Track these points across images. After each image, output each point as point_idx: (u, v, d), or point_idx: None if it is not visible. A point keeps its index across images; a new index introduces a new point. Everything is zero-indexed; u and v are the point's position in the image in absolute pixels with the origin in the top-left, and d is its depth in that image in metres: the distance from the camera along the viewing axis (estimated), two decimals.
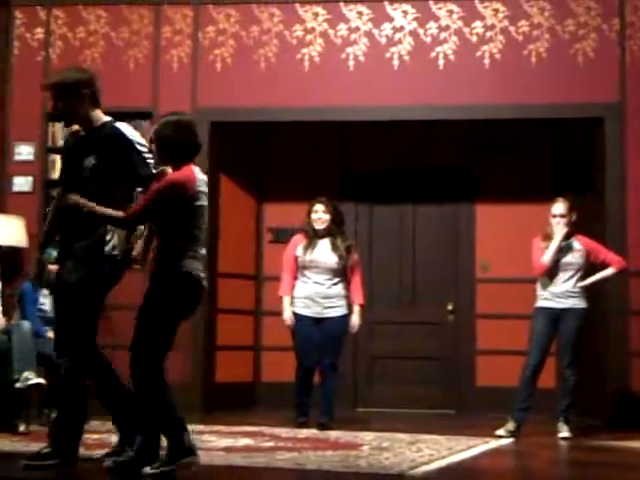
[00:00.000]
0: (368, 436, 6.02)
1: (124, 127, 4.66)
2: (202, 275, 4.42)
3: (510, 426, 6.30)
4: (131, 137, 4.62)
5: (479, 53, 7.63)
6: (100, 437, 5.61)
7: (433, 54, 7.67)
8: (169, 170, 4.49)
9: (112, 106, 7.89)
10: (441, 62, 7.65)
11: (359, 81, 7.69)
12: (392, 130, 8.16)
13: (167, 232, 4.41)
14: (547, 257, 6.35)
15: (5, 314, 6.48)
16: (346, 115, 7.74)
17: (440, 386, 8.26)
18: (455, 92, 7.57)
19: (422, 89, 7.62)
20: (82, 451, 4.76)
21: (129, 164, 4.56)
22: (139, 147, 4.61)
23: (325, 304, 6.62)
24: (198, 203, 4.42)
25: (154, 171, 4.55)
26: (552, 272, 6.41)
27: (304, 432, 6.26)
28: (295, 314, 6.66)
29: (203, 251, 4.46)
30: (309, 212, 6.77)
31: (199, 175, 4.50)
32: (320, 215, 6.72)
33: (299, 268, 6.69)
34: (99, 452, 4.85)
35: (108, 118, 4.72)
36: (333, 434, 6.18)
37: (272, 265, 8.33)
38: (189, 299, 4.42)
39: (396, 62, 7.70)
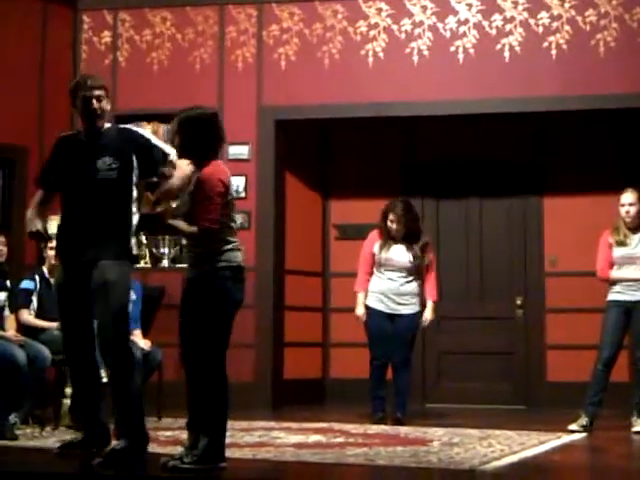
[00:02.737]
0: (438, 431, 6.00)
1: (129, 126, 4.95)
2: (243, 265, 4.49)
3: (582, 421, 6.22)
4: (147, 135, 4.82)
5: (545, 44, 7.55)
6: (173, 434, 5.69)
7: (498, 46, 7.60)
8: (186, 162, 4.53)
9: (178, 107, 8.03)
10: (507, 54, 7.58)
11: (424, 75, 7.66)
12: (458, 124, 8.11)
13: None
14: (611, 276, 6.30)
15: None
16: (411, 110, 7.72)
17: (510, 381, 8.19)
18: (522, 84, 7.50)
19: (488, 82, 7.56)
20: (155, 447, 4.83)
21: (148, 159, 4.70)
22: (148, 136, 4.81)
23: (398, 301, 6.65)
24: (230, 197, 4.47)
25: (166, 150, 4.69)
26: (623, 265, 6.31)
27: (374, 428, 6.27)
28: (369, 308, 6.69)
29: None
30: (385, 215, 6.72)
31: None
32: (395, 225, 6.66)
33: (375, 264, 6.72)
34: (171, 448, 4.92)
35: (108, 124, 4.87)
36: (403, 430, 6.17)
37: (339, 261, 8.35)
38: (240, 291, 4.44)
39: (461, 55, 7.66)
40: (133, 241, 4.74)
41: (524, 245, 8.27)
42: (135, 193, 4.74)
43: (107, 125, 4.85)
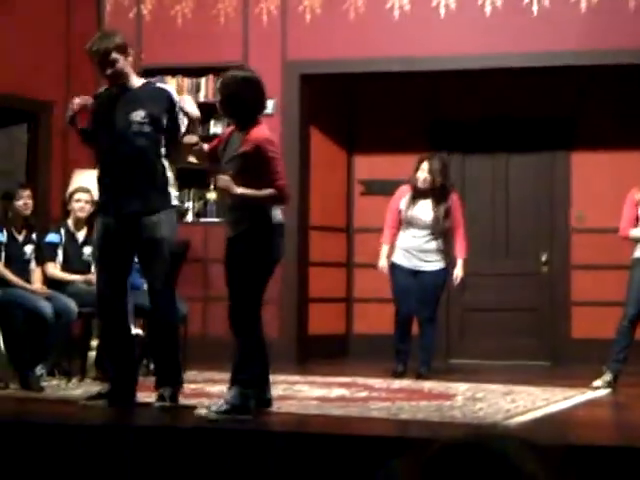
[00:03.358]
0: (462, 387, 6.00)
1: (170, 87, 4.95)
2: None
3: (607, 377, 6.20)
4: (176, 99, 4.83)
5: None
6: (198, 387, 5.73)
7: (526, 0, 7.49)
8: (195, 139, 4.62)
9: (202, 61, 8.02)
10: (535, 8, 7.46)
11: (450, 29, 7.56)
12: (485, 78, 8.01)
13: (257, 187, 4.46)
14: (632, 235, 6.23)
15: None
16: (437, 64, 7.63)
17: (535, 337, 8.17)
18: (550, 38, 7.38)
19: (516, 35, 7.45)
20: (181, 399, 4.89)
21: (175, 122, 4.76)
22: (181, 109, 4.81)
23: (422, 257, 6.67)
24: None
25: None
26: None
27: (397, 383, 6.28)
28: (394, 263, 6.73)
29: None
30: (416, 168, 6.73)
31: None
32: (425, 175, 6.67)
33: (401, 220, 6.72)
34: (196, 401, 4.96)
35: (138, 79, 4.91)
36: (427, 385, 6.18)
37: (363, 217, 8.32)
38: (280, 248, 4.52)
39: (488, 8, 7.54)
40: (173, 193, 4.80)
41: (550, 201, 8.20)
42: (164, 150, 4.79)
43: (137, 80, 4.87)
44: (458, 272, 6.74)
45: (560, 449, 1.22)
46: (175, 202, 4.88)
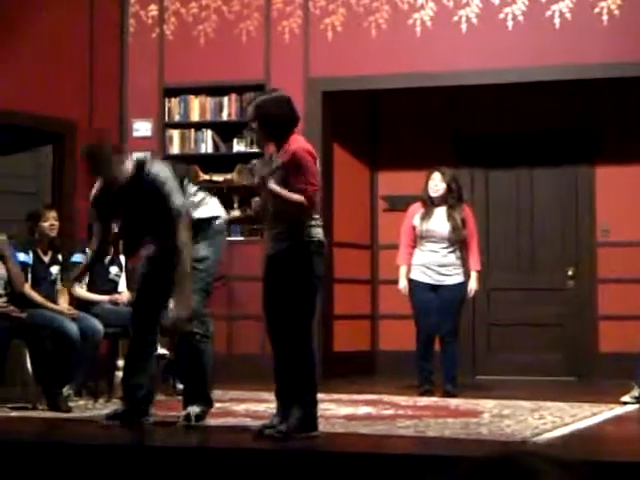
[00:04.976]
0: (489, 403, 5.97)
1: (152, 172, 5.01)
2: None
3: (635, 392, 6.14)
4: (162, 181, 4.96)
5: (597, 10, 7.40)
6: (223, 406, 5.72)
7: (548, 13, 7.48)
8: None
9: (225, 79, 8.06)
10: (557, 21, 7.45)
11: (472, 44, 7.56)
12: (507, 93, 8.00)
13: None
14: None
15: (129, 287, 6.65)
16: (460, 79, 7.63)
17: (561, 353, 8.12)
18: (572, 51, 7.37)
19: (538, 50, 7.44)
20: (211, 421, 4.90)
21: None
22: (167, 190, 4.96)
23: (441, 271, 6.63)
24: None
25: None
26: None
27: (424, 400, 6.26)
28: (413, 281, 6.68)
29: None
30: (427, 180, 6.75)
31: None
32: (437, 183, 6.69)
33: (417, 237, 6.70)
34: (225, 420, 4.96)
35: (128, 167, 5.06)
36: (453, 402, 6.15)
37: (387, 233, 8.31)
38: (322, 265, 4.57)
39: (510, 23, 7.54)
40: None
41: (575, 215, 8.17)
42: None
43: (129, 170, 5.02)
44: (472, 285, 6.70)
45: (589, 466, 1.21)
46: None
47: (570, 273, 8.16)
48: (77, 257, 6.46)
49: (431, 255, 6.67)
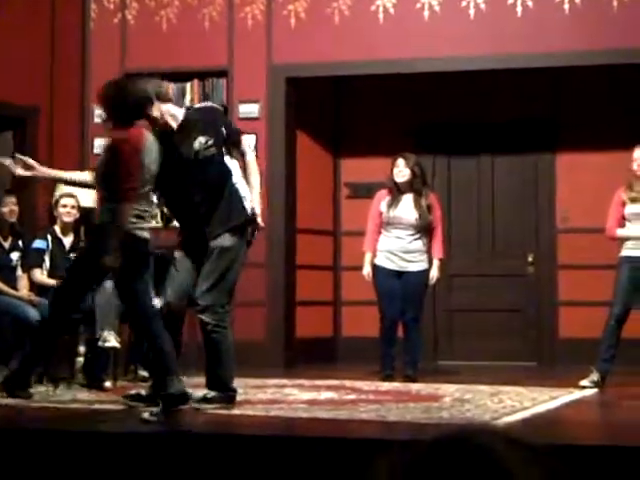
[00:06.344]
0: (450, 388, 6.02)
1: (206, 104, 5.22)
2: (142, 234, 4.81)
3: (594, 377, 6.23)
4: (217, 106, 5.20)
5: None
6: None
7: (511, 1, 7.52)
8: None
9: (188, 65, 8.02)
10: (519, 9, 7.50)
11: (435, 31, 7.59)
12: (469, 80, 8.04)
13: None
14: (619, 234, 6.27)
15: None
16: (422, 66, 7.66)
17: (521, 338, 8.20)
18: (533, 39, 7.42)
19: (499, 37, 7.48)
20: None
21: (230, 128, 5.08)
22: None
23: (406, 258, 6.67)
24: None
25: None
26: (634, 221, 6.28)
27: (385, 385, 6.30)
28: (377, 266, 6.72)
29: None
30: (391, 167, 6.79)
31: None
32: (401, 169, 6.73)
33: (383, 223, 6.73)
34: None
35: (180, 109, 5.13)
36: (414, 386, 6.20)
37: (350, 220, 8.34)
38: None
39: (472, 10, 7.57)
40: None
41: (536, 201, 8.24)
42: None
43: (181, 111, 5.02)
44: (434, 272, 6.75)
45: (548, 447, 1.22)
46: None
47: (530, 259, 8.24)
48: (38, 243, 6.42)
49: (396, 241, 6.70)
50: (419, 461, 1.18)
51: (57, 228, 6.49)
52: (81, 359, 6.43)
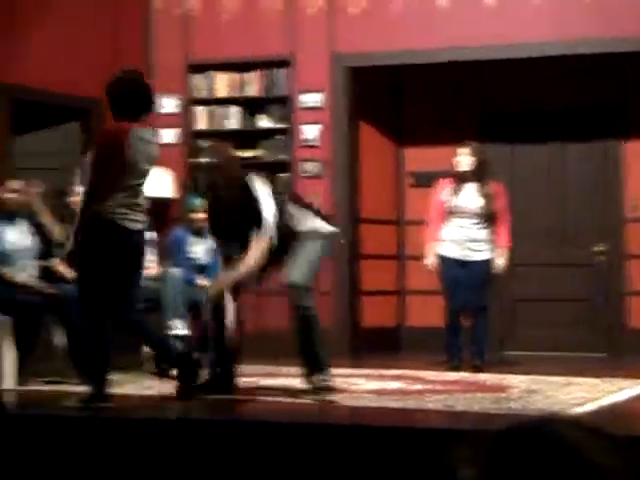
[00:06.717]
0: (517, 379, 5.96)
1: None
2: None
3: None
4: None
5: None
6: (252, 380, 5.74)
7: None
8: None
9: (250, 56, 8.03)
10: None
11: (500, 17, 7.49)
12: (536, 67, 7.92)
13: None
14: None
15: (158, 263, 6.68)
16: (487, 54, 7.57)
17: (589, 329, 8.07)
18: (603, 25, 7.28)
19: (568, 23, 7.36)
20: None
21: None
22: None
23: (470, 247, 6.62)
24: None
25: None
26: None
27: (452, 375, 6.25)
28: (441, 256, 6.67)
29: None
30: (455, 156, 6.73)
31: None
32: (464, 158, 6.66)
33: (445, 213, 6.68)
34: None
35: None
36: (481, 377, 6.15)
37: (414, 209, 8.28)
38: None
39: None
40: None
41: (604, 190, 8.10)
42: None
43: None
44: (500, 261, 6.68)
45: (627, 438, 1.20)
46: None
47: (599, 249, 8.10)
48: None
49: (460, 231, 6.65)
50: (501, 450, 1.17)
51: None
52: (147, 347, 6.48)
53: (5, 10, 6.92)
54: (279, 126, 8.07)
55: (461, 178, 6.69)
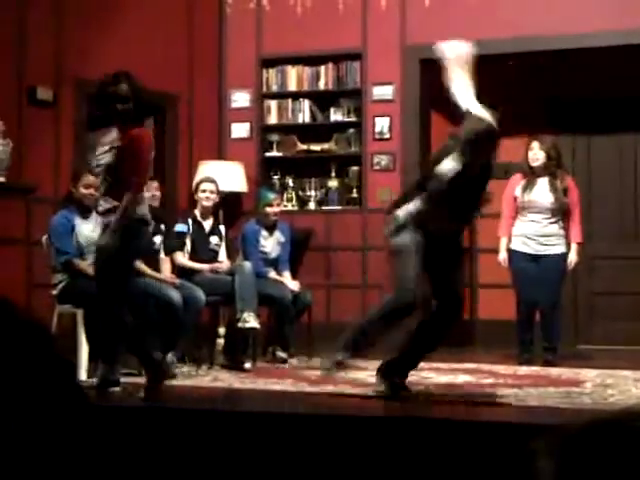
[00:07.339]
0: (591, 373, 5.89)
1: None
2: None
3: None
4: None
5: None
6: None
7: None
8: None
9: (322, 49, 8.06)
10: None
11: (569, 6, 7.38)
12: (607, 56, 7.78)
13: None
14: None
15: (229, 256, 6.75)
16: (557, 43, 7.47)
17: None
18: None
19: (638, 10, 7.23)
20: (305, 386, 4.94)
21: None
22: None
23: (542, 242, 6.55)
24: None
25: None
26: None
27: (524, 369, 6.20)
28: (513, 251, 6.61)
29: None
30: (526, 150, 6.66)
31: None
32: (536, 152, 6.59)
33: (518, 208, 6.62)
34: (320, 388, 5.00)
35: None
36: (554, 371, 6.08)
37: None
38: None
39: None
40: None
41: None
42: None
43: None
44: (572, 257, 6.59)
45: None
46: None
47: None
48: (179, 227, 6.58)
49: (532, 225, 6.59)
50: (583, 444, 1.16)
51: (197, 212, 6.65)
52: (221, 340, 6.58)
53: (80, 7, 7.05)
54: (351, 119, 8.09)
55: (533, 173, 6.62)
